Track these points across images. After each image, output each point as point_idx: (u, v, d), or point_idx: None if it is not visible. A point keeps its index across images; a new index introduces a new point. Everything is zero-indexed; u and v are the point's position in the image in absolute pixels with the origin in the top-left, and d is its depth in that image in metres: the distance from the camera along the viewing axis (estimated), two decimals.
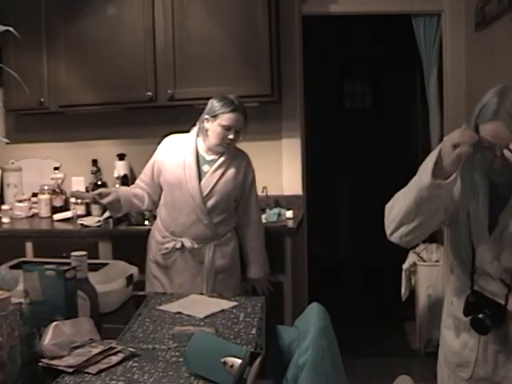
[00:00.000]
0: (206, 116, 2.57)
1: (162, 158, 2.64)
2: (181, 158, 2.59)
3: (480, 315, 1.56)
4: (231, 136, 2.53)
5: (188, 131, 2.70)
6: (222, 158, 2.60)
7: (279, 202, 3.45)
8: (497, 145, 1.46)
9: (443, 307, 1.81)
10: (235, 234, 2.72)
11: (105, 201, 2.57)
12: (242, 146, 2.78)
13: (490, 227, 1.56)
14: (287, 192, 3.55)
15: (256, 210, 2.72)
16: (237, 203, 2.68)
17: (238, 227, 2.73)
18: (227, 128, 2.52)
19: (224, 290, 2.58)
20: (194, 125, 2.66)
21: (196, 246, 2.57)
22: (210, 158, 2.61)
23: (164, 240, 2.62)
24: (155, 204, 2.72)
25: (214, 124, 2.53)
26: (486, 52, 3.08)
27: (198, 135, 2.63)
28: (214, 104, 2.56)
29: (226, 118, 2.51)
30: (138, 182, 2.74)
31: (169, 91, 3.25)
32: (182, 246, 2.58)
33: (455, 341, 1.71)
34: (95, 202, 2.65)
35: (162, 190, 2.66)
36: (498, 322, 1.56)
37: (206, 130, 2.57)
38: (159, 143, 2.75)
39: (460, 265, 1.69)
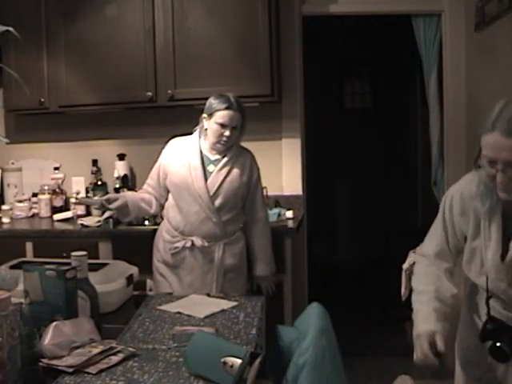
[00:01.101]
0: (204, 115, 2.59)
1: (167, 161, 2.65)
2: (186, 160, 2.60)
3: (498, 344, 1.53)
4: (227, 133, 2.53)
5: (188, 131, 2.71)
6: (226, 157, 2.61)
7: (279, 201, 3.45)
8: (497, 158, 1.44)
9: (462, 303, 1.80)
10: (243, 234, 2.73)
11: (113, 206, 2.60)
12: (242, 145, 2.78)
13: (502, 254, 1.55)
14: (287, 192, 3.55)
15: (262, 208, 2.73)
16: (244, 201, 2.69)
17: (245, 225, 2.74)
18: (223, 125, 2.53)
19: (232, 289, 2.59)
20: (197, 124, 2.67)
21: (206, 244, 2.58)
22: (214, 157, 2.62)
23: (174, 239, 2.63)
24: (163, 208, 2.73)
25: (211, 122, 2.55)
26: (486, 52, 3.08)
27: (200, 136, 2.64)
28: (210, 102, 2.58)
29: (221, 116, 2.52)
30: (144, 187, 2.75)
31: (169, 91, 3.25)
32: (192, 244, 2.58)
33: (471, 339, 1.70)
34: (103, 207, 2.67)
35: (168, 192, 2.68)
36: None
37: (205, 129, 2.59)
38: (159, 143, 2.77)
39: (474, 288, 1.69)
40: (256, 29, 3.18)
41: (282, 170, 3.57)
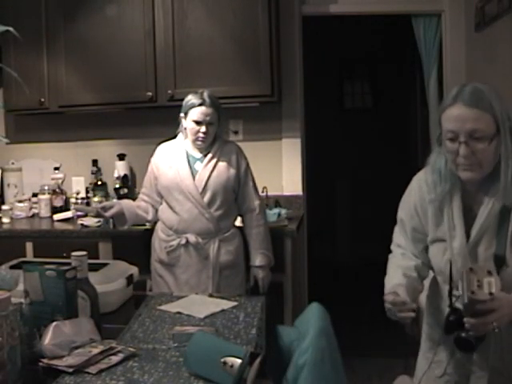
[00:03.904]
0: (181, 114, 2.63)
1: (156, 165, 2.70)
2: (173, 162, 2.64)
3: (463, 334, 1.50)
4: (203, 129, 2.56)
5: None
6: (210, 153, 2.64)
7: (279, 202, 3.45)
8: (460, 129, 1.48)
9: (425, 304, 1.82)
10: (239, 232, 2.73)
11: (108, 214, 2.66)
12: (243, 146, 2.79)
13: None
14: (287, 192, 3.55)
15: (255, 197, 2.73)
16: (236, 194, 2.70)
17: (241, 217, 2.75)
18: (197, 122, 2.56)
19: (229, 286, 2.61)
20: (179, 126, 2.69)
21: (200, 240, 2.59)
22: (199, 155, 2.65)
23: (169, 238, 2.64)
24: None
25: (188, 120, 2.59)
26: (486, 52, 3.08)
27: (184, 136, 2.68)
28: (185, 101, 2.62)
29: (194, 113, 2.56)
30: (140, 196, 2.80)
31: (169, 91, 3.26)
32: (187, 241, 2.60)
33: (435, 334, 1.72)
34: (99, 215, 2.73)
35: (162, 198, 2.70)
36: (481, 338, 1.51)
37: (185, 129, 2.62)
38: (159, 143, 2.77)
39: (436, 285, 1.71)
40: (256, 29, 3.18)
41: (282, 170, 3.57)
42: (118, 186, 3.50)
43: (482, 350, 1.58)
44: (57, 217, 3.45)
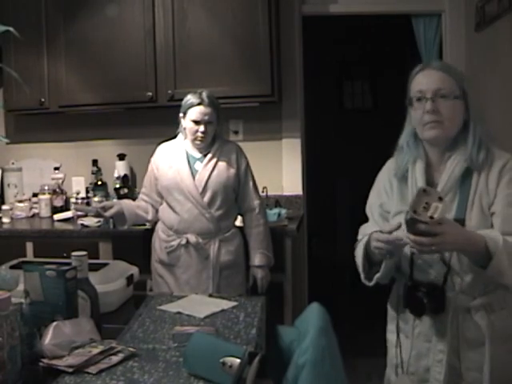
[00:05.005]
0: (181, 114, 2.63)
1: (156, 165, 2.70)
2: (173, 162, 2.65)
3: (418, 293, 1.58)
4: (202, 129, 2.57)
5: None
6: (210, 153, 2.64)
7: (279, 201, 3.45)
8: (427, 89, 1.61)
9: (387, 314, 1.87)
10: (240, 232, 2.74)
11: (108, 213, 2.67)
12: (243, 146, 2.79)
13: None
14: (287, 192, 3.55)
15: (255, 197, 2.74)
16: (236, 193, 2.69)
17: (242, 216, 2.76)
18: (196, 122, 2.57)
19: (229, 286, 2.61)
20: (178, 126, 2.69)
21: (201, 240, 2.60)
22: (199, 155, 2.65)
23: (169, 238, 2.65)
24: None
25: (187, 120, 2.60)
26: (486, 52, 3.08)
27: (183, 136, 2.69)
28: (184, 101, 2.62)
29: (193, 112, 2.56)
30: (140, 196, 2.81)
31: (169, 91, 3.26)
32: (187, 241, 2.60)
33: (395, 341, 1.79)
34: (99, 215, 2.74)
35: (162, 198, 2.70)
36: (434, 302, 1.56)
37: (184, 128, 2.62)
38: (159, 143, 2.77)
39: (402, 266, 1.73)
40: (256, 29, 3.19)
41: (282, 169, 3.57)
42: (118, 186, 3.50)
43: (440, 344, 1.62)
44: (57, 217, 3.45)
